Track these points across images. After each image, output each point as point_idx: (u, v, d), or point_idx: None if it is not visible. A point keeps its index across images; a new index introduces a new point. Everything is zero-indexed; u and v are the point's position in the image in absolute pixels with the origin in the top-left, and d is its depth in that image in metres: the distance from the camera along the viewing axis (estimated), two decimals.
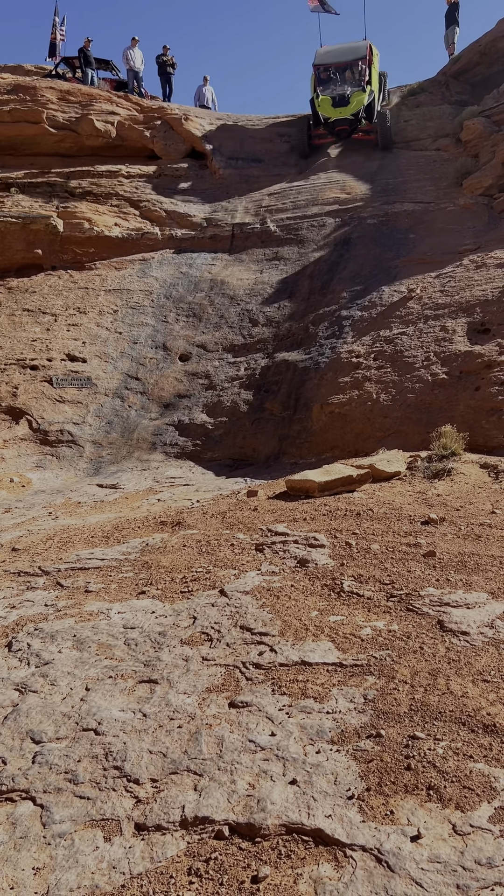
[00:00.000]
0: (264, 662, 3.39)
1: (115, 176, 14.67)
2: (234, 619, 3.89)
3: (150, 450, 10.32)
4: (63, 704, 3.24)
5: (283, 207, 14.03)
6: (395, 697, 3.00)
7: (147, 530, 6.14)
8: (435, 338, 9.30)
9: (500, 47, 15.99)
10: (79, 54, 17.50)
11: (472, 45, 16.70)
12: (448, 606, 3.78)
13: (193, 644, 3.68)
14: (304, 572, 4.51)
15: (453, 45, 18.17)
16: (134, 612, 4.19)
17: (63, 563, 5.33)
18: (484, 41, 16.27)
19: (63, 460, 10.01)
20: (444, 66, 17.71)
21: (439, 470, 6.70)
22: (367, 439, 8.75)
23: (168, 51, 18.13)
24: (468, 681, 3.06)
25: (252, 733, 2.86)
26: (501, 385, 8.06)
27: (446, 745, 2.64)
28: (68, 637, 3.93)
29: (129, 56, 17.46)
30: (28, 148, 14.73)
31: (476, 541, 4.78)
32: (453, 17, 18.18)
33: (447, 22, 18.38)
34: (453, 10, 18.22)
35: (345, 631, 3.62)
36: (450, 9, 18.30)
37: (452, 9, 18.24)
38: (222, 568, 4.76)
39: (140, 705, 3.16)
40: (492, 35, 16.04)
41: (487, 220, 12.17)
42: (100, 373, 11.34)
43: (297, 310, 11.75)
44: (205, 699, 3.16)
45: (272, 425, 10.13)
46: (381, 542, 4.88)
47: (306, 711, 2.98)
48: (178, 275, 13.21)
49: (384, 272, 11.44)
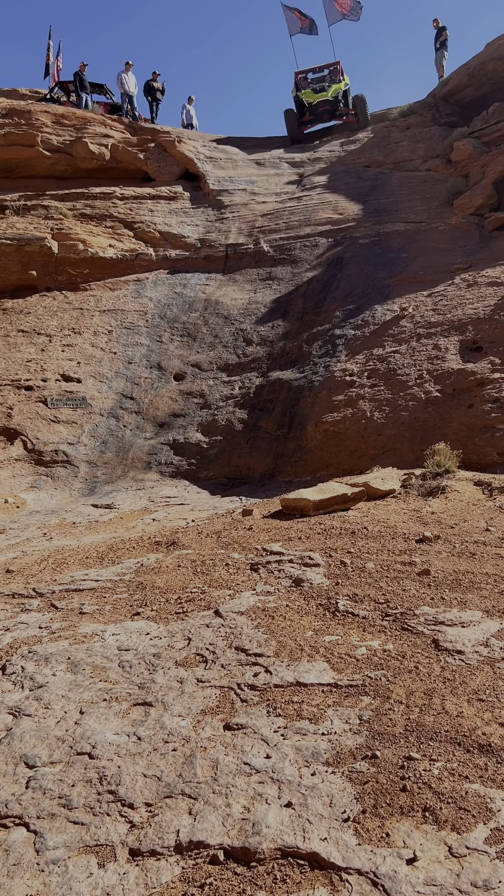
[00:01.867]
0: (259, 684, 3.38)
1: (110, 198, 14.81)
2: (228, 640, 3.88)
3: (144, 469, 10.32)
4: (57, 728, 3.22)
5: (277, 228, 14.16)
6: (391, 718, 2.99)
7: (142, 550, 6.13)
8: (428, 356, 9.36)
9: (488, 70, 16.25)
10: (74, 78, 17.77)
11: (460, 67, 16.97)
12: (443, 625, 3.78)
13: (188, 666, 3.67)
14: (299, 592, 4.50)
15: (443, 68, 18.52)
16: (128, 634, 4.17)
17: (57, 585, 5.31)
18: (472, 64, 16.54)
19: (58, 480, 10.00)
20: (433, 89, 18.01)
21: (433, 487, 6.72)
22: (362, 457, 8.78)
23: (158, 76, 18.61)
24: (463, 700, 3.06)
25: (247, 756, 2.85)
26: (494, 402, 8.11)
27: (442, 766, 2.63)
28: (62, 659, 3.91)
29: (123, 80, 17.79)
30: (23, 170, 14.89)
31: (470, 558, 4.78)
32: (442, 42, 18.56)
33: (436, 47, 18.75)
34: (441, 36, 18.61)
35: (340, 651, 3.61)
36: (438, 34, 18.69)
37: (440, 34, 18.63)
38: (217, 588, 4.75)
39: (134, 728, 3.15)
40: (480, 58, 16.31)
41: (478, 239, 12.30)
42: (94, 393, 11.37)
43: (290, 329, 11.83)
44: (199, 721, 3.14)
45: (267, 444, 10.15)
46: (376, 561, 4.89)
47: (301, 733, 2.96)
48: (172, 295, 13.29)
49: (377, 291, 11.54)
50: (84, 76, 17.64)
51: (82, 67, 17.66)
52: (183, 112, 19.44)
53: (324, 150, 17.06)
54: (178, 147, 15.93)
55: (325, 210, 14.29)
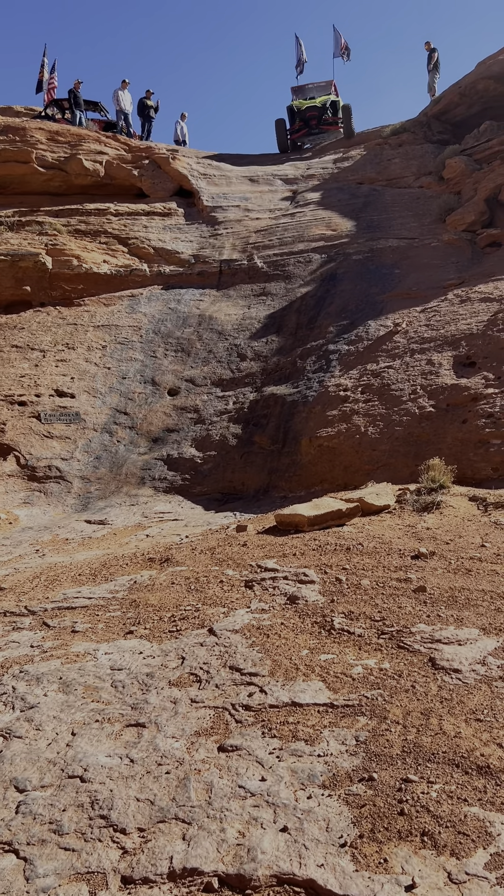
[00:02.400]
0: (254, 704, 3.33)
1: (104, 214, 14.86)
2: (223, 658, 3.83)
3: (138, 485, 10.27)
4: (48, 750, 3.16)
5: (270, 244, 14.22)
6: (388, 739, 2.95)
7: (135, 567, 6.08)
8: (421, 371, 9.38)
9: (479, 89, 16.44)
10: (68, 95, 17.90)
11: (452, 86, 17.17)
12: (439, 643, 3.75)
13: (182, 686, 3.62)
14: (294, 609, 4.46)
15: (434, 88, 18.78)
16: (121, 653, 4.11)
17: (50, 603, 5.25)
18: (464, 83, 16.73)
19: (51, 496, 9.94)
20: (425, 107, 18.21)
21: (428, 503, 6.70)
22: (356, 472, 8.76)
23: (151, 94, 18.82)
24: (461, 720, 3.02)
25: (242, 778, 2.80)
26: (488, 418, 8.12)
27: (440, 789, 2.59)
28: (54, 679, 3.85)
29: (120, 97, 17.98)
30: (17, 187, 14.94)
31: (466, 575, 4.75)
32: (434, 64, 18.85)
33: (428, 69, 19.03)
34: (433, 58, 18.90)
35: (336, 670, 3.57)
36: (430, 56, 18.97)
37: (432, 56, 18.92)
38: (211, 606, 4.70)
39: (127, 750, 3.09)
40: (471, 77, 16.51)
41: (471, 255, 12.39)
42: (88, 408, 11.34)
43: (284, 344, 11.84)
44: (193, 743, 3.09)
45: (261, 459, 10.13)
46: (372, 578, 4.85)
47: (297, 755, 2.92)
48: (166, 310, 13.31)
49: (370, 307, 11.58)
50: (79, 94, 17.79)
51: (77, 85, 17.81)
52: (176, 128, 19.67)
53: (317, 167, 17.19)
54: (172, 164, 16.03)
55: (319, 226, 14.37)
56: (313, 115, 18.94)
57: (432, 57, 19.01)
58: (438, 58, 19.05)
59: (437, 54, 19.05)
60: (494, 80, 16.03)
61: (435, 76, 18.94)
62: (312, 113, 18.94)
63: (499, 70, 15.89)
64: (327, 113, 18.96)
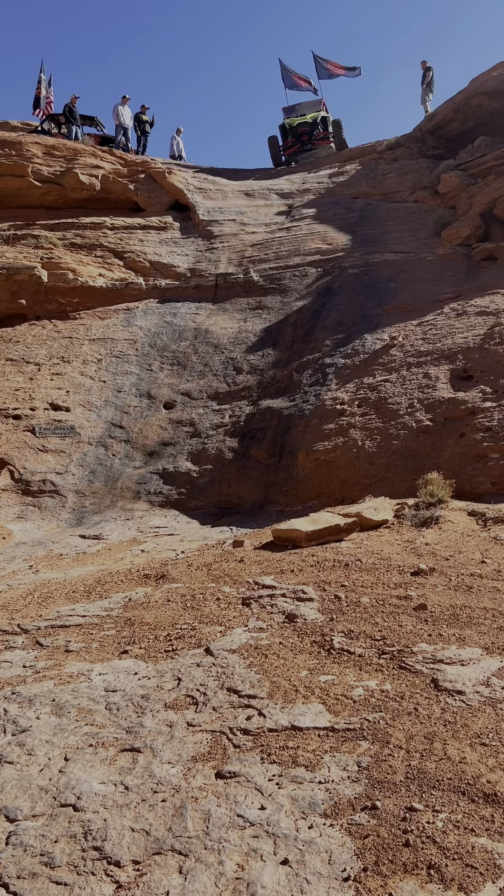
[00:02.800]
0: (252, 728, 3.24)
1: (100, 227, 14.85)
2: (220, 680, 3.74)
3: (133, 499, 10.18)
4: (40, 777, 3.06)
5: (266, 258, 14.22)
6: (391, 764, 2.86)
7: (130, 584, 5.99)
8: (418, 385, 9.34)
9: (473, 105, 16.54)
10: (64, 110, 17.96)
11: (446, 102, 17.27)
12: (442, 663, 3.66)
13: (178, 708, 3.52)
14: (292, 628, 4.37)
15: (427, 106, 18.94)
16: (116, 674, 4.02)
17: (43, 621, 5.15)
18: (458, 99, 16.84)
19: (45, 511, 9.83)
20: (420, 123, 18.31)
21: (427, 518, 6.63)
22: (354, 486, 8.69)
23: (147, 110, 18.96)
24: (466, 745, 2.93)
25: (240, 807, 2.71)
26: (486, 431, 8.07)
27: (446, 818, 2.50)
28: (47, 701, 3.75)
29: (119, 112, 18.07)
30: (13, 200, 14.93)
31: (467, 592, 4.68)
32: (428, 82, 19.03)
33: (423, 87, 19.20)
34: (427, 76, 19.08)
35: (336, 692, 3.48)
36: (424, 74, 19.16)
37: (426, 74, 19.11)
38: (208, 624, 4.61)
39: (122, 777, 3.00)
40: (465, 93, 16.61)
41: (466, 269, 12.39)
42: (83, 421, 11.26)
43: (280, 358, 11.81)
44: (190, 769, 3.00)
45: (258, 473, 10.05)
46: (371, 595, 4.77)
47: (297, 781, 2.83)
48: (162, 324, 13.27)
49: (366, 320, 11.55)
50: (75, 108, 17.85)
51: (73, 100, 17.89)
52: (172, 143, 19.75)
53: (312, 182, 17.24)
54: (168, 178, 16.05)
55: (315, 240, 14.39)
56: (305, 131, 19.26)
57: (426, 76, 19.19)
58: (433, 77, 19.22)
59: (431, 73, 19.22)
60: (488, 97, 16.14)
61: (428, 94, 19.12)
62: (304, 129, 19.27)
63: (493, 86, 16.00)
64: (318, 128, 19.33)
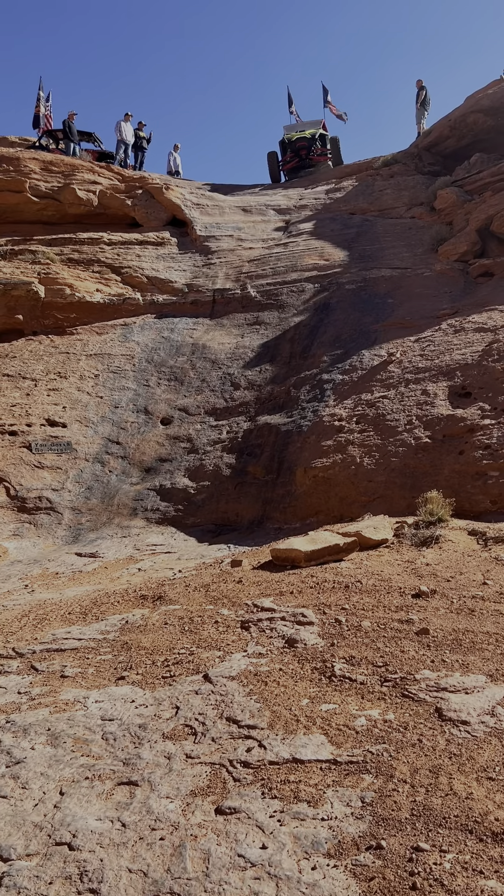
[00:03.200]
0: (253, 760, 3.16)
1: (97, 243, 14.86)
2: (219, 709, 3.66)
3: (130, 515, 10.10)
4: (35, 812, 2.97)
5: (263, 273, 14.23)
6: (395, 800, 2.78)
7: (127, 605, 5.90)
8: (417, 401, 9.30)
9: (468, 122, 16.66)
10: (62, 126, 18.03)
11: (442, 119, 17.40)
12: (445, 692, 3.59)
13: (176, 739, 3.44)
14: (292, 653, 4.30)
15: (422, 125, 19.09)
16: (112, 702, 3.93)
17: (38, 644, 5.07)
18: (454, 116, 16.96)
19: (41, 528, 9.74)
20: (416, 140, 18.44)
21: (427, 537, 6.57)
22: (352, 504, 8.62)
23: (144, 126, 19.08)
24: (472, 779, 2.86)
25: (241, 846, 2.63)
26: (485, 449, 8.03)
27: (453, 858, 2.43)
28: (42, 731, 3.66)
29: (122, 128, 18.19)
30: (11, 216, 14.95)
31: (470, 616, 4.61)
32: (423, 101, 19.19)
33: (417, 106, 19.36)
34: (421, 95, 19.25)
35: (338, 722, 3.40)
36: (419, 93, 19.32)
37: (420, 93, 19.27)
38: (206, 649, 4.53)
39: (119, 813, 2.91)
40: (461, 110, 16.73)
41: (463, 285, 12.41)
42: (80, 437, 11.20)
43: (278, 373, 11.78)
44: (189, 805, 2.91)
45: (255, 489, 9.98)
46: (372, 619, 4.70)
47: (300, 818, 2.75)
48: (159, 339, 13.25)
49: (364, 336, 11.54)
50: (73, 124, 17.92)
51: (71, 116, 17.96)
52: (169, 159, 19.85)
53: (309, 198, 17.31)
54: (165, 194, 16.10)
55: (312, 256, 14.41)
56: (303, 146, 19.54)
57: (420, 95, 19.34)
58: (427, 96, 19.36)
59: (425, 92, 19.37)
60: (484, 114, 16.26)
61: (423, 113, 19.26)
62: (302, 143, 19.58)
63: (488, 104, 16.12)
64: (316, 144, 19.63)
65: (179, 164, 19.87)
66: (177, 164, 19.80)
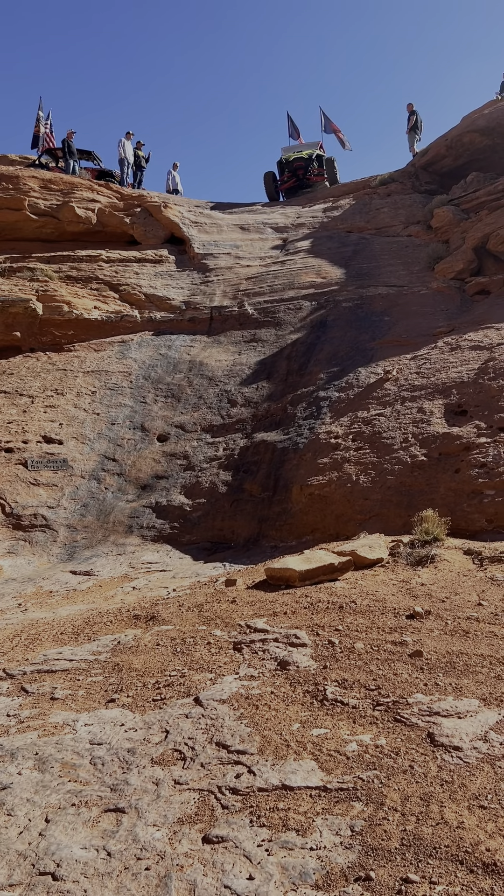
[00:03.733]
0: (242, 787, 3.11)
1: (95, 260, 14.93)
2: (209, 733, 3.61)
3: (126, 533, 10.05)
4: (19, 840, 2.92)
5: (261, 291, 14.29)
6: (385, 829, 2.73)
7: (119, 625, 5.85)
8: (413, 419, 9.30)
9: (465, 141, 16.80)
10: (62, 145, 18.19)
11: (439, 139, 17.55)
12: (438, 716, 3.55)
13: (165, 764, 3.39)
14: (284, 676, 4.25)
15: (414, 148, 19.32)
16: (102, 725, 3.88)
17: (29, 665, 5.01)
18: (450, 135, 17.11)
19: (36, 545, 9.70)
20: (412, 159, 18.60)
21: (422, 556, 6.53)
22: (348, 522, 8.59)
23: (143, 146, 19.27)
24: (463, 807, 2.81)
25: (228, 876, 2.58)
26: (481, 467, 8.01)
27: (443, 891, 2.38)
28: (30, 755, 3.61)
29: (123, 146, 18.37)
30: (9, 233, 15.03)
31: (464, 637, 4.57)
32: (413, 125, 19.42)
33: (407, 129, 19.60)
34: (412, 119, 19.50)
35: (329, 747, 3.36)
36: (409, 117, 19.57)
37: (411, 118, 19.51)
38: (198, 671, 4.48)
39: (104, 841, 2.86)
40: (457, 130, 16.89)
41: (460, 302, 12.46)
42: (76, 454, 11.18)
43: (275, 391, 11.78)
44: (176, 833, 2.87)
45: (251, 507, 9.95)
46: (366, 641, 4.66)
47: (288, 848, 2.70)
48: (156, 356, 13.27)
49: (360, 354, 11.56)
50: (72, 143, 18.07)
51: (70, 135, 18.13)
52: (168, 178, 20.01)
53: (307, 216, 17.42)
54: (163, 212, 16.20)
55: (309, 274, 14.47)
56: (300, 166, 19.84)
57: (411, 119, 19.57)
58: (418, 120, 19.57)
59: (416, 117, 19.58)
60: (480, 133, 16.41)
61: (415, 137, 19.47)
62: (299, 164, 19.86)
63: (484, 124, 16.28)
64: (313, 164, 19.91)
65: (179, 183, 20.03)
66: (176, 183, 19.96)
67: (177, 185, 19.83)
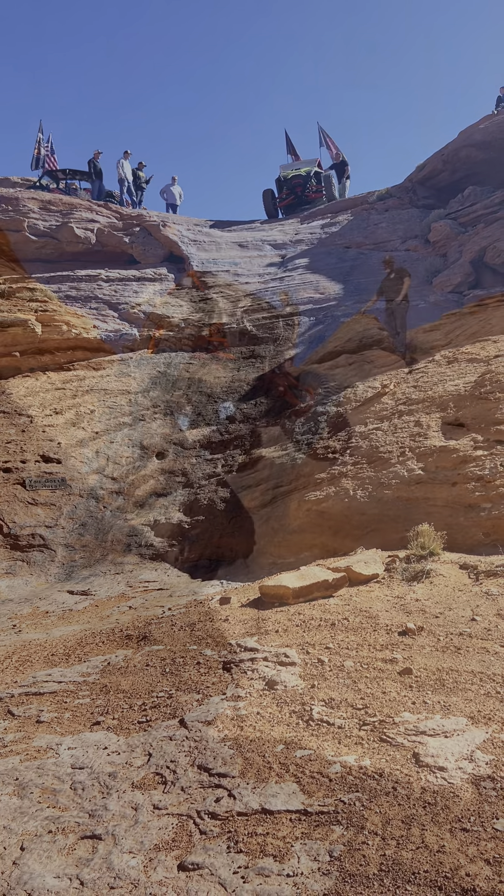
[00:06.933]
0: (221, 811, 3.05)
1: (95, 280, 15.03)
2: (192, 755, 3.55)
3: (124, 552, 10.01)
4: None
5: (259, 307, 14.33)
6: (364, 854, 2.66)
7: (111, 646, 5.80)
8: (410, 433, 9.24)
9: (461, 156, 16.89)
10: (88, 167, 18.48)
11: (435, 154, 17.66)
12: (424, 735, 3.48)
13: (145, 788, 3.33)
14: (271, 696, 4.18)
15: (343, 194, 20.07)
16: (85, 748, 3.82)
17: (17, 687, 4.96)
18: (447, 150, 17.21)
19: (34, 566, 9.66)
20: (410, 174, 18.69)
21: (418, 572, 6.46)
22: (346, 537, 8.52)
23: (144, 166, 19.40)
24: (445, 830, 2.74)
25: None
26: (478, 481, 7.94)
27: None
28: (10, 781, 3.56)
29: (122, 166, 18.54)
30: (9, 254, 15.14)
31: (455, 654, 4.49)
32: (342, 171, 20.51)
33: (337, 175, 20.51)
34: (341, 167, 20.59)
35: (311, 769, 3.29)
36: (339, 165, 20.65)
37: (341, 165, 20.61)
38: (185, 692, 4.42)
39: (78, 870, 2.80)
40: (454, 145, 16.99)
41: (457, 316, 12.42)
42: (75, 473, 11.17)
43: (273, 406, 11.77)
44: (152, 860, 2.80)
45: (250, 523, 9.90)
46: (356, 658, 4.58)
47: (264, 875, 2.63)
48: (156, 374, 13.29)
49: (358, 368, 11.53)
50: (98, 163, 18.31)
51: (96, 155, 18.39)
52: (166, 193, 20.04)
53: (305, 233, 17.50)
54: (162, 231, 16.31)
55: (307, 290, 14.52)
56: (298, 183, 19.98)
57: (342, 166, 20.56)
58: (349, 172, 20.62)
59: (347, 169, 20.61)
60: (476, 148, 16.49)
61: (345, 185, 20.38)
62: (297, 181, 20.01)
63: (480, 138, 16.36)
64: (311, 182, 20.06)
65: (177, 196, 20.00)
66: (174, 197, 19.96)
67: (175, 198, 19.80)
